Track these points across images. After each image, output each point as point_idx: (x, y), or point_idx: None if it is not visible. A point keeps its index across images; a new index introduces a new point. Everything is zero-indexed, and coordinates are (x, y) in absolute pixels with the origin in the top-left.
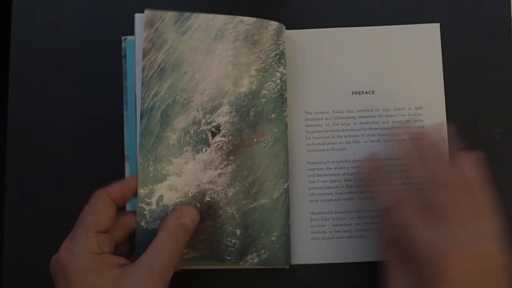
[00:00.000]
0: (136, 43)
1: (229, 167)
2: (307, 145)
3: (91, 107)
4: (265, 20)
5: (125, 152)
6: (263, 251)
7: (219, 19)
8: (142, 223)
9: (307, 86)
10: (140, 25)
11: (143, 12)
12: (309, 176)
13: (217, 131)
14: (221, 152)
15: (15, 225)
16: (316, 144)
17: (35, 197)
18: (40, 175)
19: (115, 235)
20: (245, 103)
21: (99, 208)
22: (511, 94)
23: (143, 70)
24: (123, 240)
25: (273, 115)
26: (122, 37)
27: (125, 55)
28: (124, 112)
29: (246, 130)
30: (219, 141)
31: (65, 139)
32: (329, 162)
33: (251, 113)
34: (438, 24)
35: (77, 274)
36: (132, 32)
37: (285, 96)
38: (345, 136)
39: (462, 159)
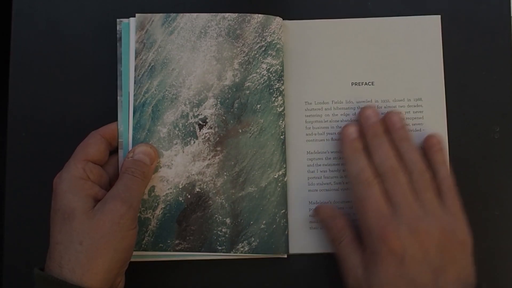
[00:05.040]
0: (130, 45)
1: (217, 157)
2: (306, 135)
3: (91, 107)
4: (248, 14)
5: (119, 140)
6: (253, 239)
7: (203, 17)
8: None
9: (307, 76)
10: (133, 28)
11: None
12: (308, 166)
13: (204, 124)
14: (208, 143)
15: (15, 225)
16: (315, 134)
17: (35, 197)
18: (40, 174)
19: (110, 171)
20: (229, 96)
21: (89, 141)
22: (510, 92)
23: (135, 69)
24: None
25: (259, 106)
26: (118, 20)
27: (120, 38)
28: (119, 97)
29: (231, 121)
30: (206, 133)
31: (65, 138)
32: (328, 152)
33: (236, 105)
34: (439, 16)
35: (59, 194)
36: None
37: (275, 87)
38: None
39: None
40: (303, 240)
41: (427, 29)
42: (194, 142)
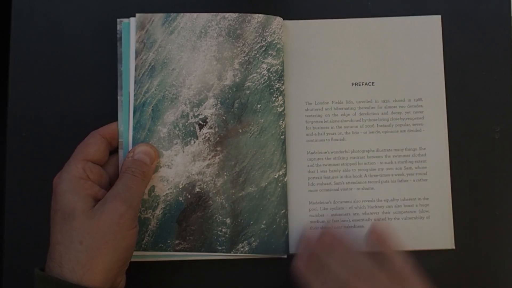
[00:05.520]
0: (130, 45)
1: (217, 157)
2: (307, 135)
3: (91, 107)
4: (249, 14)
5: (119, 139)
6: (253, 239)
7: (203, 17)
8: None
9: (307, 76)
10: (133, 28)
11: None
12: (308, 166)
13: (204, 123)
14: (208, 143)
15: (15, 225)
16: (316, 134)
17: (35, 197)
18: (40, 174)
19: (110, 171)
20: (229, 96)
21: (88, 141)
22: (510, 92)
23: (135, 69)
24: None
25: (259, 106)
26: (118, 20)
27: (120, 38)
28: (119, 97)
29: (232, 121)
30: (206, 133)
31: (65, 138)
32: (328, 152)
33: (236, 105)
34: (439, 16)
35: (59, 193)
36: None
37: (275, 87)
38: (344, 127)
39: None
40: None
41: (427, 29)
42: (194, 142)
